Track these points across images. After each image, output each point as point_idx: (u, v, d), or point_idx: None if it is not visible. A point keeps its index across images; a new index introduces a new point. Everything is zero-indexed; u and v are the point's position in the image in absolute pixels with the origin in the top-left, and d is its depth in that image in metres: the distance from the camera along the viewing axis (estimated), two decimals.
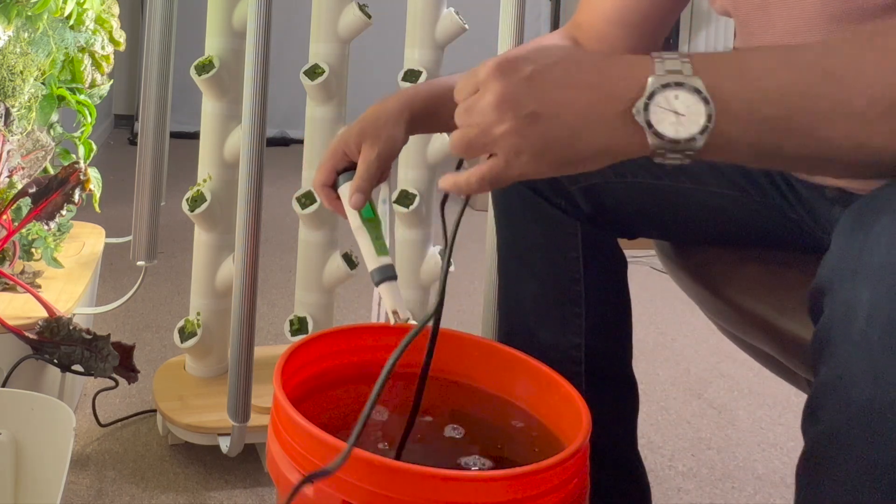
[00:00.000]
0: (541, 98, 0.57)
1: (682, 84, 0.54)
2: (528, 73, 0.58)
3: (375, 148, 0.78)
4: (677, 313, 2.16)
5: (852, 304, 0.49)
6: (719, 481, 1.36)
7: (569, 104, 0.56)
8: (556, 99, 0.57)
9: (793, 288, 0.76)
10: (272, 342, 1.78)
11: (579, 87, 0.56)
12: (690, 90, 0.53)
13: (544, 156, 0.57)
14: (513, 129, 0.57)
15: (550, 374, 0.81)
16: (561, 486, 0.67)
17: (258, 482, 1.25)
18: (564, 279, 0.92)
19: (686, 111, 0.53)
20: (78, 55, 1.55)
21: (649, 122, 0.54)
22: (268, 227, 1.75)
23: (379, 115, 0.79)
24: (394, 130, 0.79)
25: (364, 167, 0.78)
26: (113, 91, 2.07)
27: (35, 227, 1.41)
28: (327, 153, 0.82)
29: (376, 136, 0.78)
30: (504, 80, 0.58)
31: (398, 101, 0.81)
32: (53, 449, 0.92)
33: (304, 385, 0.83)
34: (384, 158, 0.79)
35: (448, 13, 1.37)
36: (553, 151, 0.57)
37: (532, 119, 0.57)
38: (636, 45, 0.87)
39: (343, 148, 0.80)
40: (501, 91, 0.58)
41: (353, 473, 0.63)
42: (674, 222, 0.92)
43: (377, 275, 0.76)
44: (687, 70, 0.54)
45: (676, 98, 0.54)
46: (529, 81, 0.57)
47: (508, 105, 0.57)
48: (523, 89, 0.57)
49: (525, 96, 0.57)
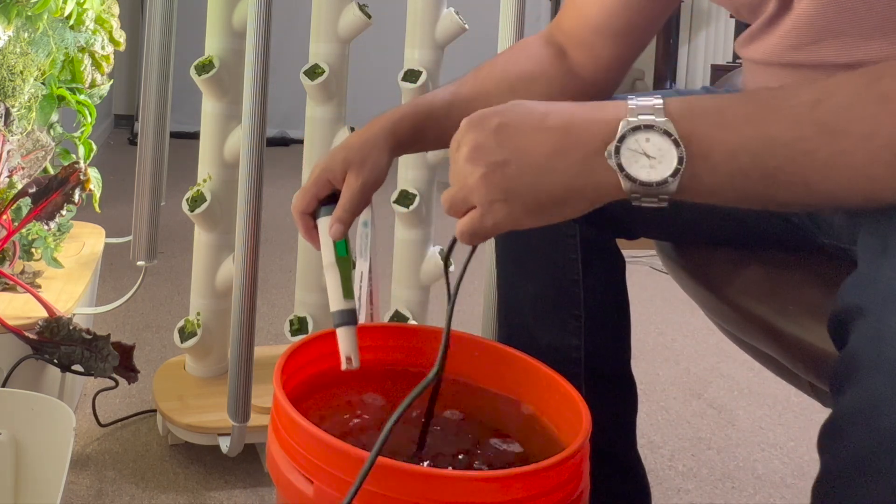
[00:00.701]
0: (507, 145, 0.58)
1: (651, 126, 0.54)
2: (496, 124, 0.59)
3: (360, 177, 0.78)
4: (677, 313, 2.16)
5: (883, 331, 0.49)
6: (719, 481, 1.36)
7: (535, 148, 0.57)
8: (523, 144, 0.58)
9: (794, 289, 0.76)
10: (272, 342, 1.78)
11: (546, 131, 0.58)
12: (660, 132, 0.54)
13: (515, 200, 0.59)
14: (482, 177, 0.59)
15: (550, 374, 0.81)
16: (561, 486, 0.67)
17: (258, 482, 1.25)
18: (564, 281, 0.92)
19: (657, 154, 0.54)
20: (78, 55, 1.55)
21: (620, 165, 0.55)
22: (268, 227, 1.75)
23: (364, 142, 0.80)
24: (379, 158, 0.79)
25: (347, 197, 0.78)
26: (113, 91, 2.08)
27: (35, 227, 1.41)
28: (310, 180, 0.81)
29: (361, 164, 0.79)
30: (474, 133, 0.60)
31: (382, 127, 0.81)
32: (53, 449, 0.92)
33: (304, 385, 0.83)
34: (369, 188, 0.79)
35: (448, 13, 1.37)
36: (522, 195, 0.58)
37: (500, 165, 0.58)
38: (621, 53, 0.86)
39: (327, 176, 0.80)
40: (472, 143, 0.59)
41: (353, 473, 0.63)
42: (674, 224, 0.92)
43: (337, 317, 0.77)
44: (659, 113, 0.54)
45: (647, 140, 0.54)
46: (498, 131, 0.59)
47: (478, 155, 0.59)
48: (492, 139, 0.59)
49: (493, 145, 0.58)
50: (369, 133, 0.81)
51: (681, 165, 0.53)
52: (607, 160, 0.55)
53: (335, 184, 0.80)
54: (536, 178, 0.57)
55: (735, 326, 0.82)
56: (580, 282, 0.92)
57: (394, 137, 0.81)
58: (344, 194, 0.79)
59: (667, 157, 0.53)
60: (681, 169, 0.53)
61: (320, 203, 0.81)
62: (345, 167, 0.79)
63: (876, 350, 0.49)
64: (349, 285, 0.78)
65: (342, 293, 0.78)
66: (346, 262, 0.79)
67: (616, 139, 0.55)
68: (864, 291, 0.52)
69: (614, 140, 0.55)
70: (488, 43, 1.39)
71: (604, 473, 0.84)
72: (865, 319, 0.51)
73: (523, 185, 0.58)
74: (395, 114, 0.83)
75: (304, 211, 0.81)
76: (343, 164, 0.79)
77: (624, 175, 0.55)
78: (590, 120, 0.57)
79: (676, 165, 0.53)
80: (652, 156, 0.54)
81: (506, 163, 0.58)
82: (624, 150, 0.54)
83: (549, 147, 0.57)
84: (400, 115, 0.82)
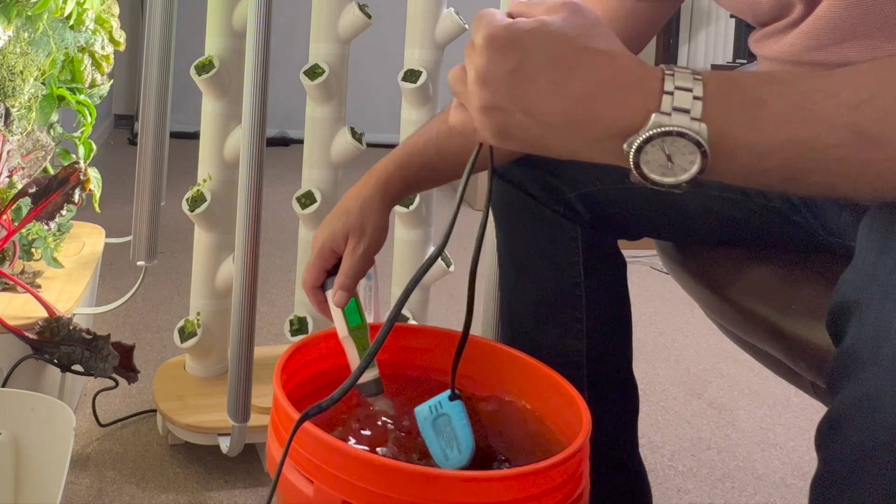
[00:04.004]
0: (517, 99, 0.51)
1: (684, 135, 0.49)
2: (514, 64, 0.51)
3: (362, 244, 0.80)
4: (677, 313, 2.16)
5: (882, 327, 0.49)
6: (719, 481, 1.36)
7: (545, 114, 0.51)
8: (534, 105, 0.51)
9: (797, 288, 0.76)
10: (272, 342, 1.78)
11: (565, 98, 0.51)
12: (691, 142, 0.49)
13: (509, 142, 0.54)
14: (482, 108, 0.53)
15: (550, 374, 0.81)
16: (561, 486, 0.67)
17: (258, 482, 1.25)
18: (565, 284, 0.92)
19: (680, 160, 0.49)
20: (78, 55, 1.55)
21: (637, 163, 0.50)
22: (268, 227, 1.75)
23: (361, 206, 0.81)
24: (378, 222, 0.81)
25: (349, 264, 0.80)
26: (113, 91, 2.07)
27: (35, 227, 1.41)
28: (314, 253, 0.83)
29: (362, 231, 0.80)
30: (486, 61, 0.52)
31: (376, 186, 0.83)
32: (53, 449, 0.92)
33: (304, 385, 0.83)
34: (371, 254, 0.81)
35: (448, 13, 1.37)
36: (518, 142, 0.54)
37: (502, 112, 0.52)
38: None
39: (331, 246, 0.82)
40: (483, 72, 0.52)
41: (353, 473, 0.63)
42: (675, 225, 0.92)
43: (363, 390, 0.79)
44: (696, 111, 0.49)
45: (674, 144, 0.49)
46: (512, 77, 0.51)
47: (485, 86, 0.52)
48: (502, 82, 0.51)
49: (502, 89, 0.52)
50: (365, 194, 0.82)
51: (700, 174, 0.50)
52: (624, 148, 0.50)
53: (339, 253, 0.82)
54: (539, 139, 0.53)
55: (736, 326, 0.81)
56: (582, 284, 0.92)
57: (388, 196, 0.83)
58: (346, 262, 0.81)
59: (687, 164, 0.49)
60: (699, 177, 0.50)
61: (328, 273, 0.83)
62: (346, 233, 0.81)
63: (874, 346, 0.49)
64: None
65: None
66: (360, 330, 0.80)
67: (641, 138, 0.49)
68: (863, 287, 0.51)
69: (638, 137, 0.49)
70: None
71: (605, 475, 0.84)
72: (863, 315, 0.51)
73: (523, 138, 0.53)
74: (387, 168, 0.84)
75: (313, 285, 0.83)
76: (344, 233, 0.81)
77: (638, 171, 0.51)
78: (616, 100, 0.50)
79: (696, 173, 0.50)
80: (673, 159, 0.49)
81: (510, 112, 0.52)
82: (646, 150, 0.50)
83: (562, 116, 0.51)
84: (392, 170, 0.84)
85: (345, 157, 1.35)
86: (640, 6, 0.83)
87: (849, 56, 0.65)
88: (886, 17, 0.62)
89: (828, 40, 0.66)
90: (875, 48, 0.64)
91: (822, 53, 0.67)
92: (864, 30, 0.64)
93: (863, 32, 0.64)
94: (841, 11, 0.64)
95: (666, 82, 0.50)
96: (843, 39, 0.65)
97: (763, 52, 0.76)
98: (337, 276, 0.80)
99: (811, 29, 0.67)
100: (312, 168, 1.36)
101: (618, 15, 0.84)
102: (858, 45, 0.64)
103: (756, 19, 0.76)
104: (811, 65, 0.69)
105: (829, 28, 0.66)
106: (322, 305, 0.83)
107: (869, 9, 0.62)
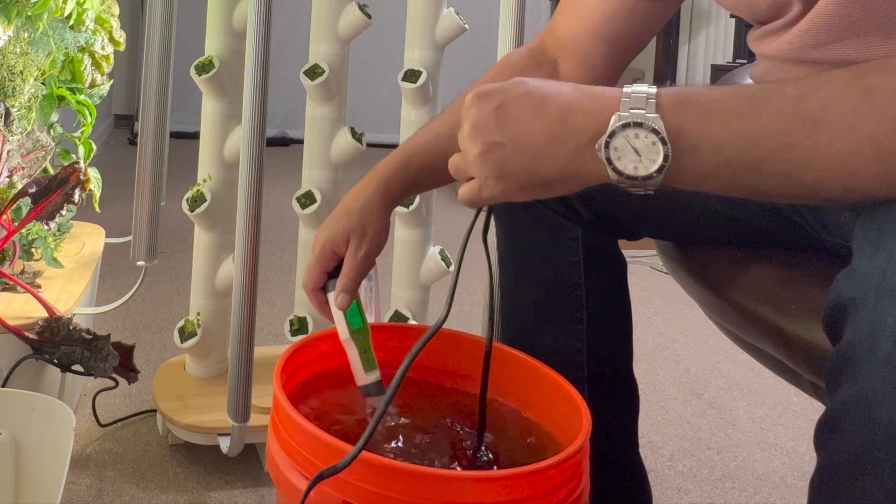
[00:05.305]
0: (506, 128, 0.61)
1: (641, 124, 0.56)
2: (497, 103, 0.61)
3: (364, 247, 0.81)
4: (677, 313, 2.16)
5: (878, 325, 0.49)
6: (719, 481, 1.36)
7: (531, 133, 0.60)
8: (520, 129, 0.60)
9: (797, 288, 0.76)
10: (272, 342, 1.78)
11: (544, 118, 0.60)
12: (649, 130, 0.56)
13: (510, 179, 0.62)
14: (480, 154, 0.62)
15: (550, 374, 0.81)
16: (561, 486, 0.67)
17: (258, 482, 1.25)
18: (566, 284, 0.92)
19: (644, 150, 0.56)
20: (78, 55, 1.55)
21: (609, 159, 0.57)
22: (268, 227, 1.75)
23: (362, 207, 0.82)
24: (379, 224, 0.82)
25: (351, 266, 0.80)
26: (113, 91, 2.08)
27: (35, 227, 1.41)
28: (315, 255, 0.83)
29: (363, 233, 0.81)
30: (477, 110, 0.62)
31: (377, 187, 0.83)
32: (53, 449, 0.92)
33: (304, 385, 0.84)
34: (372, 255, 0.82)
35: (448, 13, 1.37)
36: (516, 175, 0.61)
37: (497, 146, 0.61)
38: (615, 62, 0.85)
39: (331, 248, 0.82)
40: (474, 120, 0.62)
41: (354, 473, 0.63)
42: (675, 225, 0.92)
43: (363, 391, 0.80)
44: (651, 109, 0.56)
45: (636, 137, 0.56)
46: (498, 111, 0.61)
47: (478, 133, 0.62)
48: (492, 119, 0.61)
49: (493, 125, 0.61)
50: (366, 195, 0.83)
51: (666, 162, 0.55)
52: (597, 152, 0.58)
53: (340, 254, 0.82)
54: (531, 163, 0.60)
55: (737, 326, 0.81)
56: (582, 285, 0.92)
57: (389, 197, 0.83)
58: (347, 264, 0.81)
59: (653, 154, 0.56)
60: (666, 165, 0.56)
61: (329, 275, 0.83)
62: (347, 235, 0.81)
63: (871, 343, 0.49)
64: (370, 356, 0.80)
65: (363, 368, 0.80)
66: (361, 332, 0.80)
67: (606, 134, 0.57)
68: (859, 284, 0.52)
69: (604, 135, 0.57)
70: (488, 43, 1.39)
71: (606, 476, 0.84)
72: (860, 313, 0.51)
73: (518, 167, 0.61)
74: (388, 170, 0.85)
75: (314, 287, 0.83)
76: (345, 235, 0.81)
77: (612, 168, 0.57)
78: (585, 110, 0.59)
79: (662, 162, 0.56)
80: (640, 152, 0.56)
81: (502, 145, 0.61)
82: (613, 145, 0.57)
83: (544, 134, 0.60)
84: (392, 172, 0.84)
85: (345, 157, 1.35)
86: (640, 5, 0.83)
87: (848, 54, 0.65)
88: (885, 14, 0.62)
89: (826, 38, 0.66)
90: (874, 45, 0.63)
91: (821, 51, 0.67)
92: (863, 27, 0.64)
93: (862, 30, 0.64)
94: (839, 9, 0.64)
95: (624, 90, 0.58)
96: (842, 37, 0.65)
97: (762, 50, 0.76)
98: (339, 278, 0.80)
99: (809, 27, 0.67)
100: (312, 168, 1.36)
101: (618, 14, 0.83)
102: (857, 43, 0.64)
103: (754, 18, 0.76)
104: (810, 63, 0.69)
105: (827, 26, 0.66)
106: (323, 307, 0.83)
107: (867, 6, 0.63)
